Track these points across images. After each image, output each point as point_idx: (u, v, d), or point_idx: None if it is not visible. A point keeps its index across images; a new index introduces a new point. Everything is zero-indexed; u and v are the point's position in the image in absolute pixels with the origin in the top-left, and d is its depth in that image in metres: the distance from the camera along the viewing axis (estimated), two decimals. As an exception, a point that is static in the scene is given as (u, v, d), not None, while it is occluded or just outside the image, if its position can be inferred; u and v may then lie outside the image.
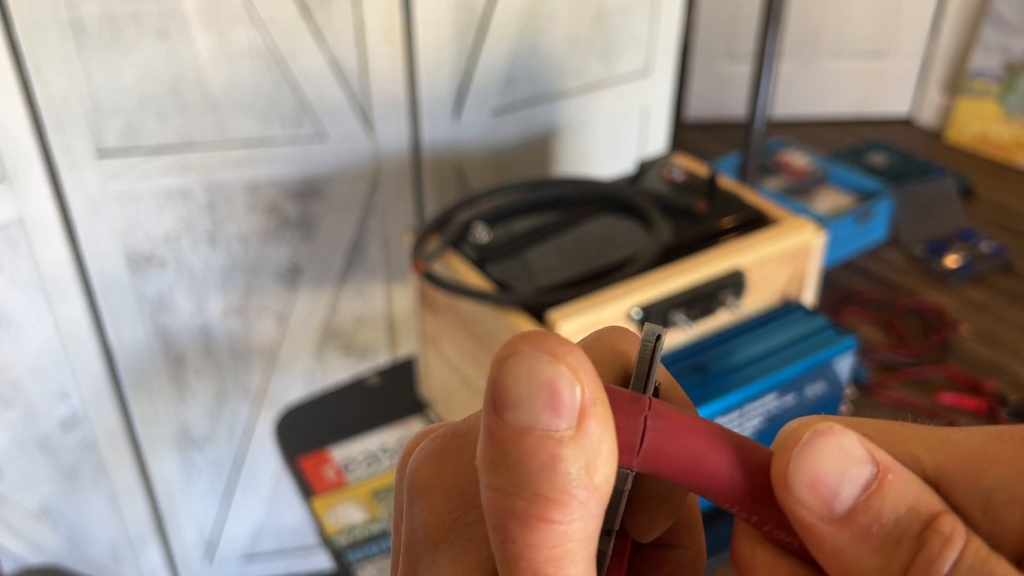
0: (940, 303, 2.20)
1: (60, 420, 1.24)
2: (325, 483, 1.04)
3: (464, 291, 0.87)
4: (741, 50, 2.97)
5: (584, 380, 0.16)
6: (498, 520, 0.16)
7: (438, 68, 1.19)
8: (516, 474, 0.16)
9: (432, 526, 0.19)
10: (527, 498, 0.16)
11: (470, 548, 0.18)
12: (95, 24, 1.04)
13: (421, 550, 0.19)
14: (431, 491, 0.19)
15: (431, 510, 0.19)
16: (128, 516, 1.39)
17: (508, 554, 0.16)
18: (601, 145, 1.41)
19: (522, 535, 0.16)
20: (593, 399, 0.16)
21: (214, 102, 1.13)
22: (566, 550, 0.16)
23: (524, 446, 0.16)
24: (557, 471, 0.15)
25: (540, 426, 0.15)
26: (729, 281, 0.91)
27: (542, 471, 0.15)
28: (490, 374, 0.16)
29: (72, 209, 1.13)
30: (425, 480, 0.19)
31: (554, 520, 0.16)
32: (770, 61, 1.31)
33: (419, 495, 0.19)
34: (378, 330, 1.38)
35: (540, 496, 0.15)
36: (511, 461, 0.16)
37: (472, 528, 0.18)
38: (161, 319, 1.26)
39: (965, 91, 2.91)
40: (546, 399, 0.15)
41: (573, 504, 0.16)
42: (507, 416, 0.16)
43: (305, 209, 1.23)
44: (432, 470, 0.19)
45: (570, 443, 0.16)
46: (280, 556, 1.56)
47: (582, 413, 0.16)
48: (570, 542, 0.16)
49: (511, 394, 0.16)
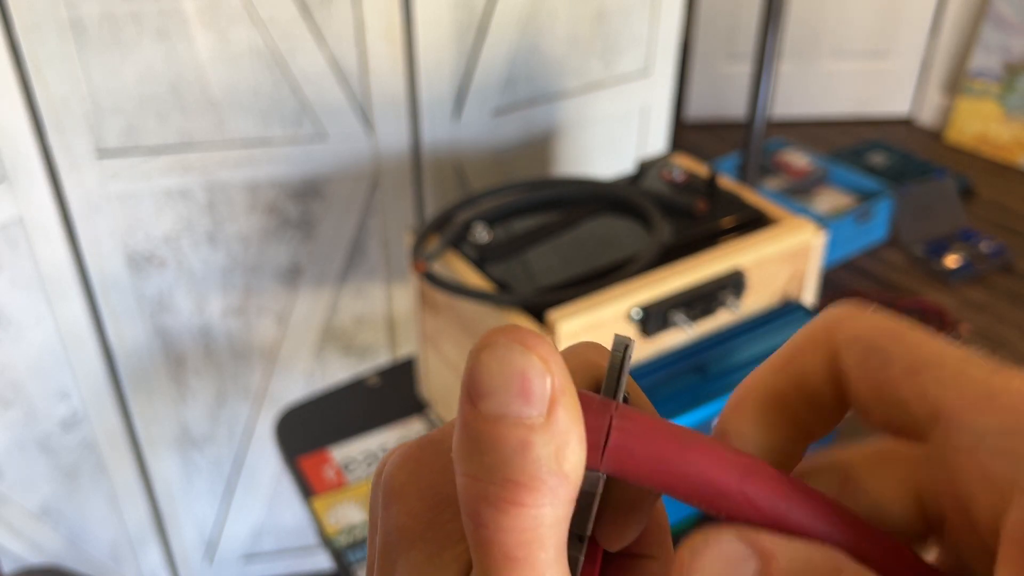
0: (940, 303, 2.20)
1: (60, 420, 1.24)
2: (325, 483, 1.04)
3: (464, 291, 0.87)
4: (741, 50, 2.97)
5: (554, 370, 0.16)
6: (471, 506, 0.17)
7: (438, 68, 1.19)
8: (489, 460, 0.16)
9: (407, 528, 0.19)
10: (499, 483, 0.16)
11: (447, 544, 0.19)
12: (95, 24, 1.04)
13: (397, 552, 0.19)
14: (406, 494, 0.20)
15: (407, 512, 0.19)
16: (128, 516, 1.39)
17: (481, 538, 0.17)
18: (601, 145, 1.41)
19: (494, 519, 0.16)
20: (562, 389, 0.16)
21: (214, 102, 1.13)
22: (536, 534, 0.16)
23: (496, 433, 0.16)
24: (528, 457, 0.16)
25: (512, 413, 0.16)
26: (729, 281, 0.91)
27: (513, 457, 0.16)
28: (466, 366, 0.17)
29: (72, 209, 1.13)
30: (400, 484, 0.20)
31: (525, 504, 0.16)
32: (770, 61, 1.31)
33: (394, 499, 0.20)
34: (378, 330, 1.38)
35: (511, 481, 0.16)
36: (484, 448, 0.16)
37: (447, 526, 0.19)
38: (161, 319, 1.26)
39: (965, 91, 2.91)
40: (518, 388, 0.16)
41: (543, 489, 0.16)
42: (481, 405, 0.16)
43: (305, 209, 1.23)
44: (407, 475, 0.20)
45: (540, 430, 0.16)
46: (280, 556, 1.56)
47: (552, 402, 0.16)
48: (540, 526, 0.16)
49: (484, 383, 0.16)
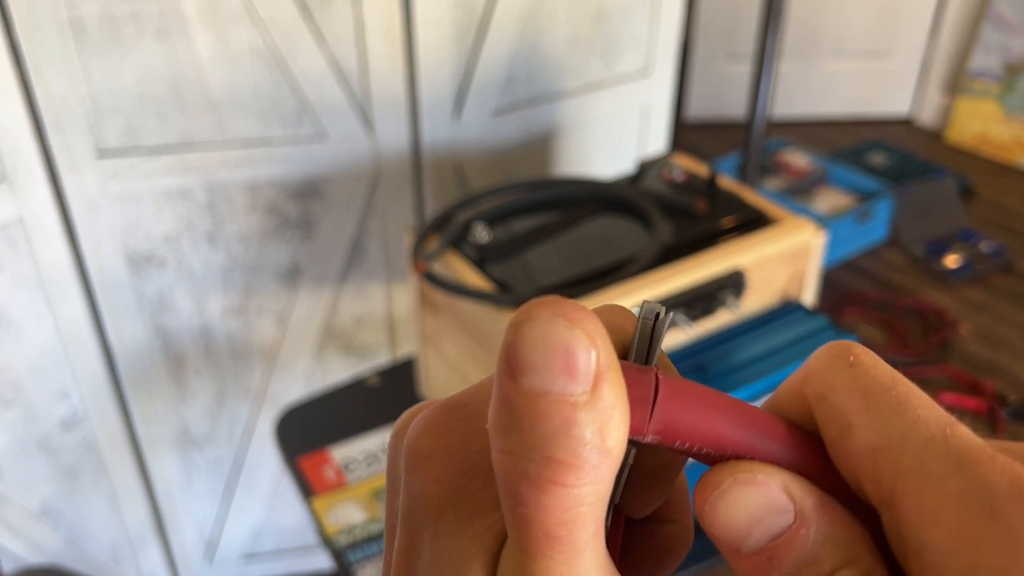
0: (940, 303, 2.20)
1: (60, 420, 1.24)
2: (325, 483, 1.04)
3: (464, 291, 0.87)
4: (741, 50, 2.96)
5: (599, 345, 0.16)
6: (510, 484, 0.16)
7: (438, 68, 1.19)
8: (530, 437, 0.16)
9: (435, 495, 0.19)
10: (540, 461, 0.16)
11: (478, 514, 0.18)
12: (95, 24, 1.04)
13: (422, 520, 0.19)
14: (432, 460, 0.19)
15: (433, 479, 0.19)
16: (128, 516, 1.39)
17: (520, 517, 0.16)
18: (601, 145, 1.41)
19: (534, 498, 0.16)
20: (608, 364, 0.16)
21: (214, 102, 1.13)
22: (577, 513, 0.16)
23: (538, 410, 0.16)
24: (571, 435, 0.15)
25: (555, 390, 0.16)
26: (729, 281, 0.91)
27: (556, 435, 0.15)
28: (505, 339, 0.16)
29: (72, 209, 1.13)
30: (427, 449, 0.19)
31: (567, 484, 0.16)
32: (770, 61, 1.31)
33: (420, 465, 0.19)
34: (378, 330, 1.38)
35: (553, 460, 0.16)
36: (525, 424, 0.16)
37: (478, 495, 0.18)
38: (161, 319, 1.26)
39: (965, 91, 2.91)
40: (562, 364, 0.15)
41: (586, 468, 0.16)
42: (522, 380, 0.16)
43: (305, 209, 1.23)
44: (433, 440, 0.19)
45: (585, 408, 0.16)
46: (280, 556, 1.56)
47: (597, 378, 0.16)
48: (581, 505, 0.16)
49: (527, 358, 0.16)
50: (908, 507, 0.16)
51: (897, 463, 0.16)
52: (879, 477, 0.16)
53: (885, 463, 0.16)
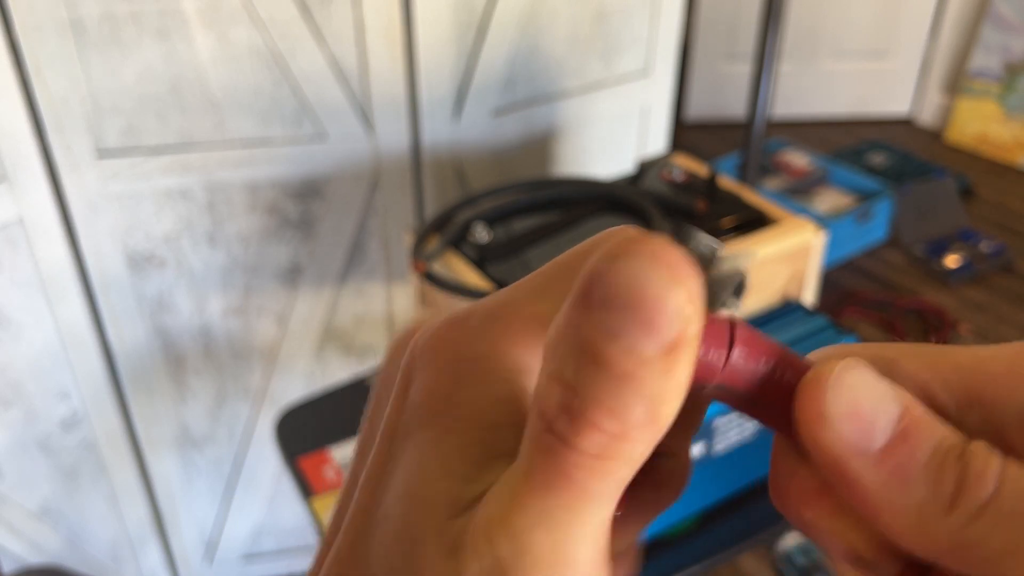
0: (940, 303, 2.20)
1: (60, 420, 1.24)
2: (325, 483, 1.04)
3: (464, 291, 0.87)
4: (741, 50, 2.97)
5: (692, 316, 0.15)
6: (547, 408, 0.15)
7: (438, 68, 1.19)
8: (584, 374, 0.15)
9: (422, 405, 0.18)
10: (587, 400, 0.15)
11: (455, 429, 0.17)
12: (95, 24, 1.04)
13: (410, 428, 0.18)
14: (427, 369, 0.18)
15: (425, 388, 0.18)
16: (128, 516, 1.39)
17: (544, 445, 0.15)
18: (601, 145, 1.41)
19: (566, 432, 0.15)
20: (693, 336, 0.15)
21: (214, 102, 1.13)
22: (603, 463, 0.15)
23: (602, 351, 0.14)
24: (627, 389, 0.14)
25: (627, 339, 0.14)
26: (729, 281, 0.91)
27: (610, 382, 0.14)
28: (593, 266, 0.15)
29: (72, 209, 1.13)
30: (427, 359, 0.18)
31: (604, 430, 0.15)
32: (770, 61, 1.31)
33: (418, 374, 0.18)
34: (378, 330, 1.38)
35: (604, 406, 0.15)
36: (584, 360, 0.15)
37: (462, 408, 0.17)
38: (161, 319, 1.26)
39: (965, 91, 2.91)
40: (645, 316, 0.14)
41: (629, 423, 0.15)
42: (595, 315, 0.15)
43: (305, 209, 1.23)
44: (432, 351, 0.18)
45: (651, 367, 0.14)
46: (280, 556, 1.56)
47: (675, 345, 0.14)
48: (610, 459, 0.15)
49: (611, 295, 0.14)
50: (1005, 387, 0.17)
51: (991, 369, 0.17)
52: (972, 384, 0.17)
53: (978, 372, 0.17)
